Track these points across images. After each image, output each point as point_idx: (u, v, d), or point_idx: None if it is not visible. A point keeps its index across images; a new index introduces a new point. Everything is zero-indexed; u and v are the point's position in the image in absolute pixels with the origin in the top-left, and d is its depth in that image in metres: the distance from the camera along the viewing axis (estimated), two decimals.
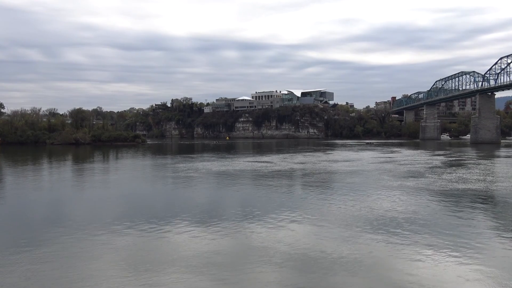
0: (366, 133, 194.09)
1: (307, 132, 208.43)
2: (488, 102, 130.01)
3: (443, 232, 17.43)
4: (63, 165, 54.48)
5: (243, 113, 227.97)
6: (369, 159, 58.57)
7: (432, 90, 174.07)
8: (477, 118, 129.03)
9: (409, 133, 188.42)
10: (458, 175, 37.76)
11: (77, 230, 18.18)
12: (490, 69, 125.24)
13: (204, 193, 29.40)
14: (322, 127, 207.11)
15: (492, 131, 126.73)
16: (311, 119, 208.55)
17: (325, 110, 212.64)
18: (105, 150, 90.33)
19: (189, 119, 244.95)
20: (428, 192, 28.15)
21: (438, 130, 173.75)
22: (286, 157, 63.98)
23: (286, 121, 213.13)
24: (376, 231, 17.77)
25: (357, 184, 31.89)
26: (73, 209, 23.57)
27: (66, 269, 13.35)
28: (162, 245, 16.01)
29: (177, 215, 21.12)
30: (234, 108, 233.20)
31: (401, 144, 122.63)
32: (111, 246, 15.89)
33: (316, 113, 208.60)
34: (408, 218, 20.16)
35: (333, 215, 20.98)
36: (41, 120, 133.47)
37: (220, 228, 18.58)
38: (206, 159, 60.41)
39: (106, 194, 29.13)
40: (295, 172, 41.63)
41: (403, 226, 18.58)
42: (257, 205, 24.05)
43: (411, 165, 48.01)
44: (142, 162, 58.32)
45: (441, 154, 69.78)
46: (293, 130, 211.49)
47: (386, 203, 23.92)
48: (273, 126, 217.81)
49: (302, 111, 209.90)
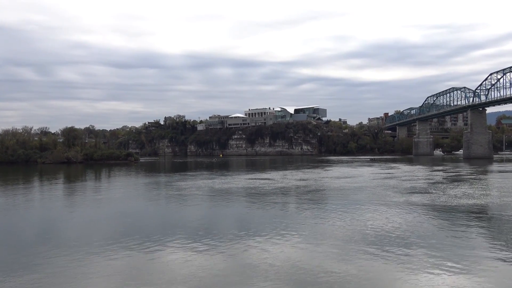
0: (360, 149, 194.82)
1: (300, 148, 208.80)
2: (480, 117, 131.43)
3: (455, 252, 17.20)
4: (55, 184, 53.77)
5: (237, 130, 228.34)
6: (370, 175, 58.69)
7: (424, 106, 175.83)
8: (469, 133, 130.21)
9: (402, 149, 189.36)
10: (462, 190, 38.00)
11: (68, 251, 17.84)
12: (480, 85, 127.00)
13: (200, 212, 28.97)
14: (316, 144, 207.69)
15: (484, 146, 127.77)
16: (305, 136, 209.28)
17: (319, 127, 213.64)
18: (97, 168, 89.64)
19: (182, 137, 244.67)
20: (435, 208, 28.24)
21: (431, 146, 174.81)
22: (286, 174, 63.99)
23: (280, 138, 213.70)
24: (385, 249, 17.60)
25: (363, 201, 31.80)
26: (65, 230, 23.14)
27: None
28: (156, 266, 15.70)
29: (171, 235, 20.77)
30: (228, 125, 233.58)
31: (396, 160, 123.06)
32: (103, 267, 15.54)
33: (309, 130, 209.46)
34: (418, 236, 19.97)
35: (341, 233, 20.77)
36: (32, 139, 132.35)
37: (217, 248, 18.27)
38: (202, 177, 59.96)
39: (98, 214, 28.65)
40: (299, 189, 41.60)
41: (411, 244, 18.38)
42: (265, 224, 23.77)
43: (413, 181, 48.40)
44: (135, 181, 57.72)
45: (440, 170, 70.20)
46: (287, 147, 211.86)
47: (394, 220, 23.85)
48: (266, 143, 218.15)
49: (296, 128, 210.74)
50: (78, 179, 63.62)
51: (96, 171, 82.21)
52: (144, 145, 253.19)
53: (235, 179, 54.39)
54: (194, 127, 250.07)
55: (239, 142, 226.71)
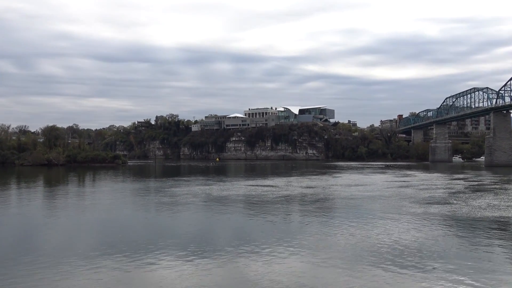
0: (371, 154, 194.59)
1: (305, 153, 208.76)
2: (504, 121, 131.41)
3: (477, 271, 17.00)
4: (34, 188, 53.71)
5: (235, 132, 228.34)
6: (383, 183, 58.92)
7: (442, 107, 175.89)
8: (491, 138, 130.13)
9: (417, 155, 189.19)
10: (485, 201, 37.96)
11: (48, 263, 17.68)
12: (505, 85, 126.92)
13: (195, 222, 28.84)
14: (322, 148, 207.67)
15: (508, 152, 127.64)
16: (310, 139, 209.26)
17: (325, 129, 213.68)
18: (81, 172, 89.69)
19: (175, 138, 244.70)
20: (456, 220, 28.28)
21: (449, 152, 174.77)
22: (291, 181, 64.17)
23: (282, 141, 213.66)
24: (399, 267, 17.41)
25: (376, 212, 31.86)
26: (44, 240, 22.99)
27: None
28: (146, 281, 15.51)
29: (162, 247, 20.59)
30: (225, 126, 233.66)
31: (411, 166, 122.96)
32: (87, 281, 15.37)
33: (315, 132, 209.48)
34: (436, 252, 19.83)
35: (350, 247, 20.64)
36: (10, 139, 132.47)
37: (214, 262, 18.10)
38: (197, 183, 59.87)
39: (81, 222, 28.53)
40: (306, 198, 41.63)
41: (428, 262, 18.21)
42: (268, 236, 23.59)
43: (432, 190, 48.49)
44: (122, 186, 57.65)
45: (460, 178, 70.42)
46: (290, 150, 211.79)
47: (410, 233, 23.78)
48: (267, 146, 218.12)
49: (300, 130, 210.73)
50: (59, 183, 63.57)
51: (80, 174, 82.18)
52: (133, 147, 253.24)
53: (234, 186, 54.37)
54: (188, 127, 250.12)
55: (238, 145, 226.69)
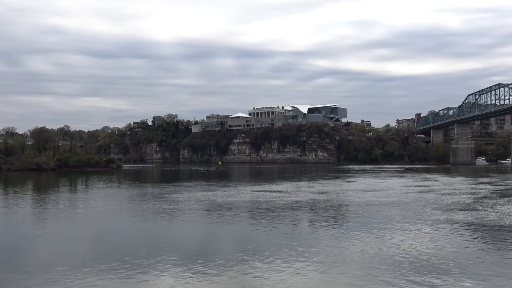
0: (386, 157, 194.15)
1: (315, 155, 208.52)
2: None
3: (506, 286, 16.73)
4: (22, 195, 53.86)
5: (239, 133, 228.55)
6: (402, 188, 58.86)
7: (464, 105, 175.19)
8: None
9: (437, 157, 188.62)
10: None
11: (37, 277, 17.60)
12: None
13: (198, 231, 28.81)
14: (333, 150, 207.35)
15: None
16: (320, 140, 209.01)
17: (337, 130, 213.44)
18: (73, 177, 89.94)
19: (174, 140, 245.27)
20: (482, 228, 28.10)
21: (472, 153, 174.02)
22: (301, 185, 64.22)
23: (290, 142, 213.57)
24: (420, 281, 17.18)
25: (394, 219, 31.75)
26: (34, 251, 22.99)
27: None
28: None
29: (162, 259, 20.49)
30: (228, 127, 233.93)
31: (430, 170, 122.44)
32: None
33: (326, 133, 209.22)
34: (462, 263, 19.62)
35: (366, 259, 20.43)
36: None
37: (218, 275, 17.93)
38: (200, 188, 59.86)
39: (74, 232, 28.53)
40: (318, 204, 41.60)
41: (452, 275, 17.98)
42: (278, 246, 23.39)
43: (455, 195, 48.33)
44: (118, 192, 57.76)
45: (486, 182, 70.22)
46: (299, 153, 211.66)
47: (433, 243, 23.62)
48: (274, 148, 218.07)
49: (309, 131, 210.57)
50: (49, 189, 63.76)
51: (72, 180, 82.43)
52: (128, 150, 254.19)
53: (240, 191, 54.38)
54: (188, 128, 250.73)
55: (242, 147, 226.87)
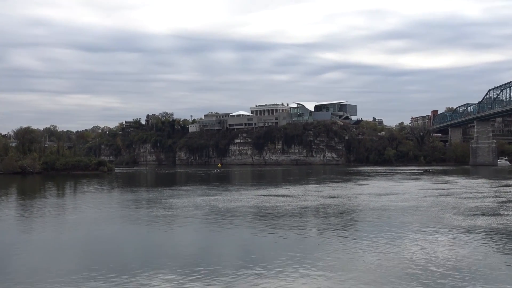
0: (400, 157, 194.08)
1: (323, 156, 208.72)
2: None
3: None
4: (5, 200, 53.92)
5: (240, 133, 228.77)
6: (419, 191, 58.81)
7: (485, 101, 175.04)
8: None
9: (455, 157, 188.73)
10: None
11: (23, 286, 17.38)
12: None
13: (197, 239, 28.86)
14: (343, 150, 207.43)
15: None
16: (328, 140, 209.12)
17: (346, 129, 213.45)
18: (61, 181, 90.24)
19: (169, 141, 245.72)
20: (509, 235, 28.08)
21: (493, 153, 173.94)
22: (309, 189, 64.21)
23: (296, 142, 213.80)
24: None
25: (411, 225, 31.59)
26: (19, 260, 22.83)
27: None
28: None
29: (158, 269, 20.25)
30: (228, 126, 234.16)
31: (448, 171, 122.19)
32: None
33: (334, 132, 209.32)
34: (485, 274, 19.41)
35: (380, 269, 20.21)
36: None
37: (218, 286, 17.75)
38: (199, 193, 59.84)
39: (62, 240, 28.49)
40: (329, 209, 41.55)
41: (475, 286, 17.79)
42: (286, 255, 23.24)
43: (478, 199, 48.18)
44: (109, 197, 57.88)
45: (510, 185, 70.26)
46: (305, 154, 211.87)
47: (454, 251, 23.45)
48: (278, 149, 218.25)
49: (316, 130, 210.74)
50: (36, 194, 63.96)
51: (59, 184, 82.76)
52: (120, 151, 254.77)
53: (243, 196, 54.30)
54: (185, 128, 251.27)
55: (243, 148, 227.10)
